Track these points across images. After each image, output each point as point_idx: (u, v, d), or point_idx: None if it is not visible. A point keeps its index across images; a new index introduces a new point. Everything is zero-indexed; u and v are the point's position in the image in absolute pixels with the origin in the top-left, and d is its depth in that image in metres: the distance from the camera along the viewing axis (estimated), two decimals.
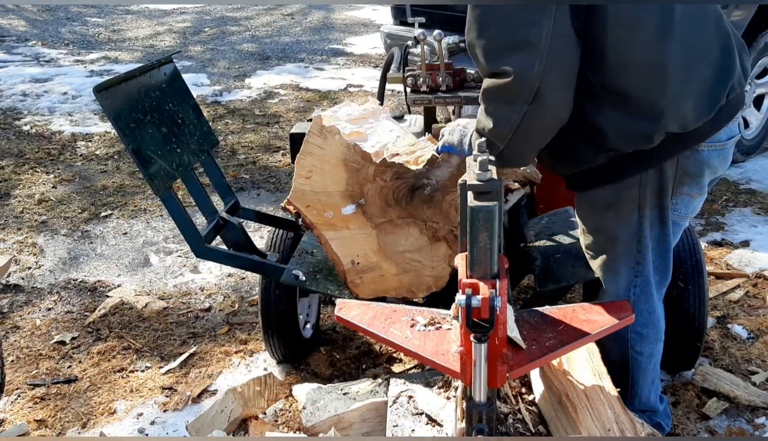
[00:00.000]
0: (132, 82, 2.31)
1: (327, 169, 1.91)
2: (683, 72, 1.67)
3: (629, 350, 2.00)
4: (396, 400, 1.95)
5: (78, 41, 9.63)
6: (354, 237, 1.96)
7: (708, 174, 1.85)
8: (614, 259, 1.92)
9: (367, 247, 1.97)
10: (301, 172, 1.91)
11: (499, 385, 1.48)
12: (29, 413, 2.55)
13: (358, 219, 1.95)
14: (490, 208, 1.36)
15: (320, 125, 1.90)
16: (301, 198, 1.93)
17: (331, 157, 1.90)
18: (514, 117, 1.65)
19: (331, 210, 1.92)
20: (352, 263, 1.98)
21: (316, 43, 9.55)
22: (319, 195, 1.92)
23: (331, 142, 1.89)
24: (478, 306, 1.31)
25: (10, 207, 4.38)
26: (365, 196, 1.94)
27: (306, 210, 1.93)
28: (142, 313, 3.19)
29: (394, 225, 1.96)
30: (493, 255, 1.38)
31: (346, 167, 1.91)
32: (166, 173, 2.29)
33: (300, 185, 1.92)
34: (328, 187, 1.92)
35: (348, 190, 1.93)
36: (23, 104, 6.54)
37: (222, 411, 2.32)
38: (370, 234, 1.96)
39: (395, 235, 1.98)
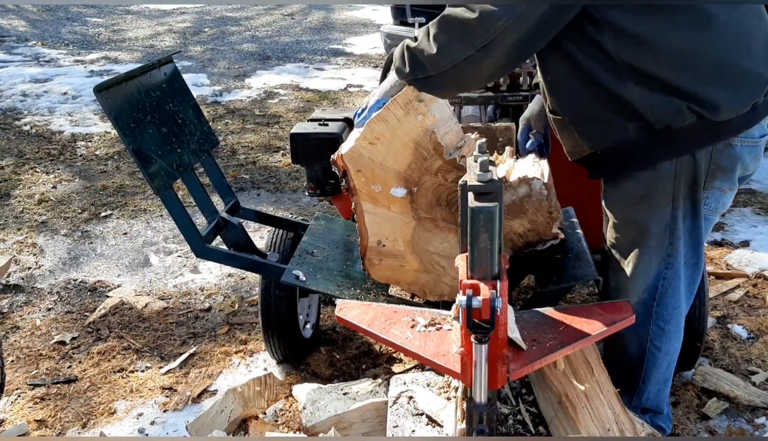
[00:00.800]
0: (132, 82, 2.31)
1: (395, 144, 1.82)
2: (718, 60, 1.67)
3: (648, 344, 1.99)
4: (396, 400, 1.95)
5: (78, 41, 9.63)
6: (391, 219, 1.90)
7: (740, 169, 1.84)
8: (646, 252, 1.90)
9: (399, 233, 1.92)
10: (367, 135, 1.81)
11: (500, 385, 1.48)
12: (29, 413, 2.55)
13: (402, 204, 1.89)
14: (491, 208, 1.36)
15: (409, 99, 1.80)
16: (356, 160, 1.83)
17: (405, 134, 1.82)
18: (459, 55, 1.69)
19: (380, 184, 1.85)
20: (377, 243, 1.93)
21: (316, 43, 9.55)
22: (375, 165, 1.83)
23: (412, 120, 1.81)
24: (478, 307, 1.31)
25: (10, 207, 4.38)
26: (420, 185, 1.87)
27: (355, 174, 1.84)
28: (142, 313, 3.19)
29: (435, 224, 1.91)
30: (494, 256, 1.38)
31: (415, 151, 1.84)
32: (166, 173, 2.29)
33: (361, 147, 1.81)
34: (388, 161, 1.84)
35: (406, 173, 1.86)
36: (23, 104, 6.54)
37: (222, 411, 2.32)
38: (408, 223, 1.91)
39: (432, 235, 1.92)
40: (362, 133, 1.81)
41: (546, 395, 1.79)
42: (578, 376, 1.78)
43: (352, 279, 2.27)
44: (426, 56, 1.74)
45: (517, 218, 1.89)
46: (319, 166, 2.77)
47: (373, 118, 1.80)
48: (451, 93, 1.91)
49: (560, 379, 1.75)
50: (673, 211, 1.84)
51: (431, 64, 1.74)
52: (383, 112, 1.80)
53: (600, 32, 1.67)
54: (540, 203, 1.85)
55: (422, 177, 1.86)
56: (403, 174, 1.85)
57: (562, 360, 1.78)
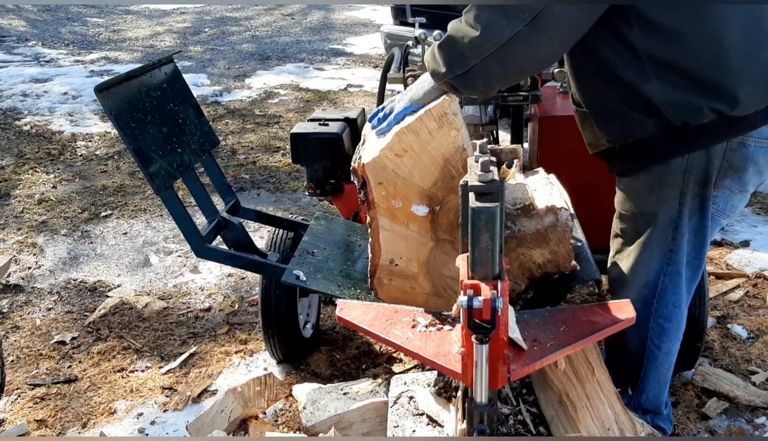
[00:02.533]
0: (133, 82, 2.31)
1: (423, 158, 1.69)
2: (744, 53, 1.66)
3: (648, 342, 1.98)
4: (396, 400, 1.95)
5: (78, 41, 9.63)
6: (408, 238, 1.77)
7: (751, 171, 1.82)
8: (648, 244, 1.89)
9: (415, 253, 1.80)
10: (395, 145, 1.66)
11: (501, 386, 1.48)
12: (29, 413, 2.55)
13: (422, 223, 1.76)
14: (492, 209, 1.36)
15: (444, 111, 1.67)
16: (378, 171, 1.68)
17: (435, 149, 1.69)
18: (506, 32, 1.58)
19: (402, 200, 1.72)
20: (390, 261, 1.80)
21: (316, 43, 9.55)
22: (398, 179, 1.70)
23: (445, 134, 1.68)
24: (479, 307, 1.31)
25: (10, 207, 4.38)
26: (443, 204, 1.74)
27: (376, 186, 1.70)
28: (142, 313, 3.19)
29: (454, 247, 1.78)
30: (495, 256, 1.38)
31: (444, 168, 1.70)
32: (166, 173, 2.29)
33: (386, 158, 1.67)
34: (414, 176, 1.71)
35: (431, 190, 1.73)
36: (23, 104, 6.54)
37: (222, 411, 2.32)
38: (426, 244, 1.78)
39: (450, 258, 1.79)
40: (389, 143, 1.67)
41: (547, 395, 1.80)
42: (579, 375, 1.78)
43: (352, 279, 2.27)
44: (467, 43, 1.62)
45: (539, 248, 1.81)
46: (319, 166, 2.77)
47: (403, 128, 1.66)
48: (494, 86, 1.75)
49: (561, 379, 1.76)
50: (680, 206, 1.83)
51: (473, 50, 1.62)
52: (415, 123, 1.67)
53: (629, 25, 1.65)
54: (564, 234, 1.78)
55: (447, 196, 1.73)
56: (428, 191, 1.73)
57: (563, 359, 1.78)
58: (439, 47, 1.70)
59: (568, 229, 1.77)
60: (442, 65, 1.68)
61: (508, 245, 1.72)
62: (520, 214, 1.77)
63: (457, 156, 1.70)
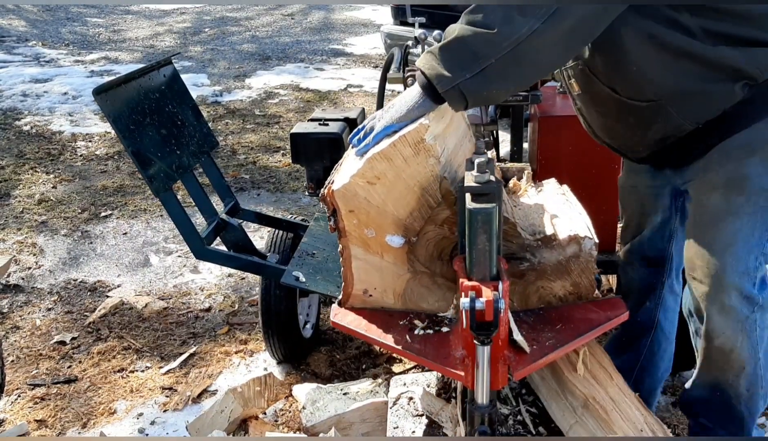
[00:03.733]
0: (131, 84, 2.31)
1: (398, 186, 1.57)
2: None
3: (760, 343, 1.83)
4: (396, 401, 1.95)
5: (78, 41, 9.63)
6: (383, 268, 1.66)
7: None
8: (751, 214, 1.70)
9: (390, 285, 1.68)
10: (366, 172, 1.55)
11: (501, 386, 1.48)
12: (29, 413, 2.55)
13: (398, 254, 1.64)
14: (489, 209, 1.36)
15: (420, 137, 1.53)
16: (349, 199, 1.57)
17: (411, 177, 1.56)
18: (524, 29, 1.49)
19: (375, 229, 1.61)
20: (363, 292, 1.69)
21: (316, 44, 9.55)
22: (371, 207, 1.58)
23: (422, 162, 1.55)
24: (482, 309, 1.31)
25: (10, 207, 4.38)
26: (421, 235, 1.63)
27: (347, 214, 1.59)
28: (142, 313, 3.20)
29: (433, 280, 1.68)
30: (492, 257, 1.38)
31: (421, 197, 1.59)
32: (165, 174, 2.29)
33: (356, 186, 1.55)
34: (387, 205, 1.59)
35: (407, 220, 1.61)
36: (23, 104, 6.54)
37: (222, 411, 2.32)
38: (402, 275, 1.67)
39: (428, 291, 1.68)
40: (360, 169, 1.55)
41: (564, 402, 1.75)
42: (599, 380, 1.75)
43: None
44: (480, 41, 1.52)
45: (560, 280, 1.68)
46: (319, 166, 2.77)
47: (375, 154, 1.54)
48: (509, 89, 1.64)
49: (583, 383, 1.73)
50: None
51: (489, 48, 1.52)
52: (389, 149, 1.53)
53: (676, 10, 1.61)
54: (587, 264, 1.66)
55: (425, 227, 1.63)
56: (404, 221, 1.61)
57: (582, 365, 1.75)
58: (442, 50, 1.57)
59: (592, 258, 1.65)
60: (447, 69, 1.55)
61: (527, 278, 1.63)
62: (540, 244, 1.65)
63: (435, 185, 1.57)
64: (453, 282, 1.63)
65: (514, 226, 1.60)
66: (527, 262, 1.63)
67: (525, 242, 1.60)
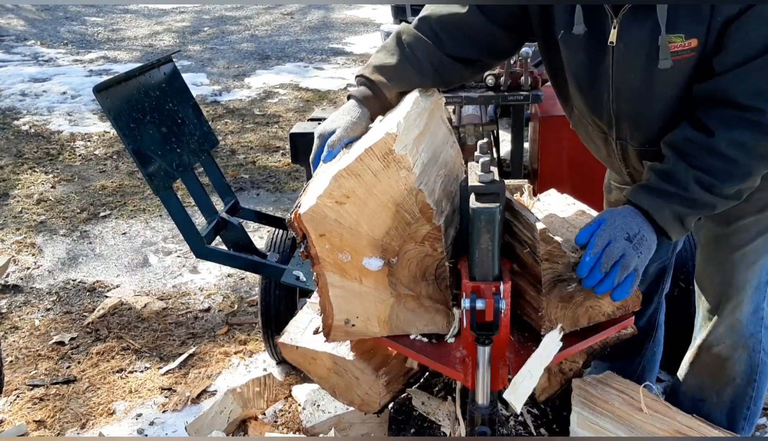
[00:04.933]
0: (132, 82, 2.30)
1: (370, 204, 1.43)
2: None
3: (759, 355, 1.84)
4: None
5: (77, 41, 9.62)
6: (363, 295, 1.53)
7: None
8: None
9: (373, 312, 1.55)
10: (334, 191, 1.41)
11: (501, 387, 1.47)
12: (28, 414, 2.54)
13: (378, 277, 1.51)
14: (492, 210, 1.36)
15: (388, 148, 1.39)
16: (319, 222, 1.44)
17: (383, 193, 1.42)
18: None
19: (349, 253, 1.48)
20: (345, 322, 1.55)
21: (315, 43, 9.54)
22: (343, 229, 1.45)
23: (393, 175, 1.41)
24: (482, 309, 1.31)
25: (9, 207, 4.37)
26: (401, 255, 1.49)
27: (318, 238, 1.46)
28: (141, 313, 3.19)
29: (419, 303, 1.55)
30: (495, 257, 1.38)
31: (396, 214, 1.44)
32: (165, 173, 2.28)
33: (325, 207, 1.42)
34: (361, 226, 1.45)
35: (384, 240, 1.47)
36: (22, 104, 6.53)
37: (221, 412, 2.31)
38: (385, 301, 1.54)
39: (415, 315, 1.56)
40: (327, 189, 1.42)
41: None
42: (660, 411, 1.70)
43: None
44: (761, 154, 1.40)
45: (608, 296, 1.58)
46: None
47: (341, 171, 1.40)
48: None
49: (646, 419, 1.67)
50: None
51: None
52: (355, 164, 1.40)
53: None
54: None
55: (404, 245, 1.48)
56: (380, 242, 1.47)
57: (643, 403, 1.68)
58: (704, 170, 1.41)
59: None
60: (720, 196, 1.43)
61: (575, 300, 1.51)
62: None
63: (411, 199, 1.42)
64: (441, 303, 1.53)
65: (559, 245, 1.44)
66: (574, 281, 1.48)
67: (572, 260, 1.46)
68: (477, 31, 1.64)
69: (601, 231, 1.40)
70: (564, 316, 1.52)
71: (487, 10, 1.62)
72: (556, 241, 1.44)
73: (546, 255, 1.43)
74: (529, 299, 1.53)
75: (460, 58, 1.68)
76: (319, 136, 1.65)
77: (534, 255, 1.44)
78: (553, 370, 1.69)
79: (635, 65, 1.49)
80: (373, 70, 1.69)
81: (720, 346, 1.81)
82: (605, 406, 1.66)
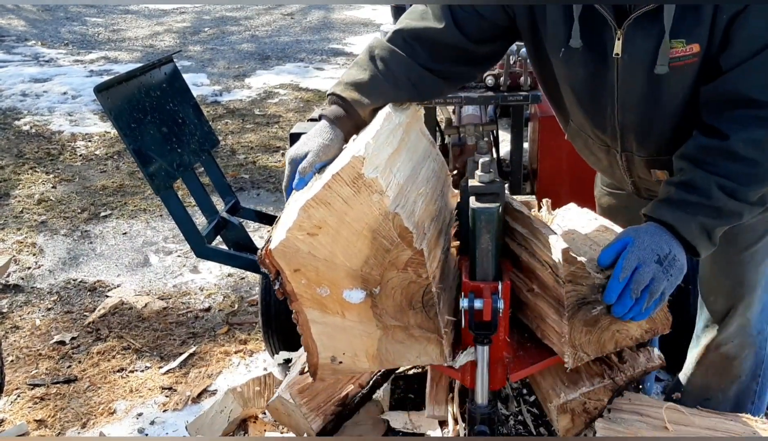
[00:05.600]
0: (132, 82, 2.31)
1: (344, 233, 1.33)
2: None
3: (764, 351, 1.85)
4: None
5: (77, 41, 9.62)
6: (347, 330, 1.44)
7: None
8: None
9: (361, 347, 1.46)
10: (304, 223, 1.32)
11: (499, 386, 1.48)
12: (29, 413, 2.54)
13: (362, 310, 1.42)
14: (492, 209, 1.36)
15: (357, 172, 1.29)
16: (291, 256, 1.35)
17: (357, 220, 1.33)
18: None
19: (328, 286, 1.38)
20: (331, 360, 1.46)
21: (315, 43, 9.54)
22: (318, 261, 1.36)
23: (365, 201, 1.31)
24: (480, 308, 1.31)
25: (10, 207, 4.38)
26: (383, 284, 1.39)
27: (292, 274, 1.37)
28: (142, 313, 3.19)
29: (408, 334, 1.44)
30: (495, 257, 1.38)
31: (373, 242, 1.34)
32: (166, 173, 2.29)
33: (296, 240, 1.33)
34: (337, 257, 1.36)
35: (363, 270, 1.37)
36: (23, 104, 6.53)
37: (222, 411, 2.32)
38: (372, 334, 1.44)
39: (405, 347, 1.46)
40: (296, 221, 1.32)
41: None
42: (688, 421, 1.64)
43: None
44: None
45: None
46: None
47: (309, 201, 1.31)
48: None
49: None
50: None
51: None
52: (323, 192, 1.31)
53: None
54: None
55: (386, 274, 1.38)
56: (359, 272, 1.37)
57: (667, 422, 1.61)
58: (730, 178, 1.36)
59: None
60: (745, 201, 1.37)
61: (600, 325, 1.43)
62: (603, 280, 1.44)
63: (387, 224, 1.33)
64: (432, 332, 1.43)
65: (583, 265, 1.36)
66: (600, 304, 1.40)
67: (596, 282, 1.38)
68: (454, 47, 1.58)
69: (628, 253, 1.32)
70: (589, 341, 1.44)
71: (467, 29, 1.56)
72: (579, 262, 1.35)
73: (569, 276, 1.35)
74: (551, 323, 1.45)
75: (437, 71, 1.60)
76: (290, 162, 1.53)
77: (556, 276, 1.37)
78: (577, 410, 1.61)
79: (640, 75, 1.45)
80: (345, 87, 1.59)
81: (728, 345, 1.81)
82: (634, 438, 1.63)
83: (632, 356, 1.64)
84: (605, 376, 1.59)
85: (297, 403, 1.81)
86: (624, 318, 1.35)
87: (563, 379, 1.60)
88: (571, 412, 1.61)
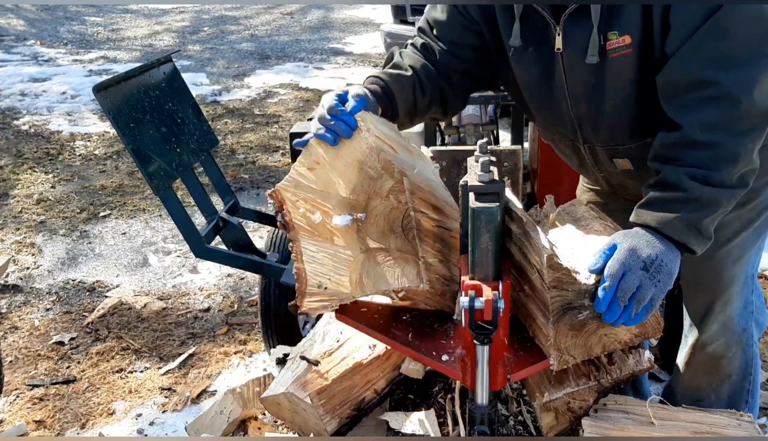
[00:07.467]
0: (131, 82, 2.30)
1: (337, 165, 1.58)
2: None
3: (752, 348, 1.86)
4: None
5: (76, 40, 9.61)
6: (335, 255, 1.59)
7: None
8: (758, 227, 1.72)
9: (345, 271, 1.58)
10: (305, 160, 1.57)
11: (500, 387, 1.47)
12: (28, 414, 2.54)
13: (348, 235, 1.59)
14: (492, 209, 1.36)
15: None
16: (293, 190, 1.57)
17: (348, 154, 1.58)
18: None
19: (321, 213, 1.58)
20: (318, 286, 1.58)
21: (315, 43, 9.54)
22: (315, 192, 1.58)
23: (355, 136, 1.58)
24: (481, 308, 1.31)
25: (9, 207, 4.37)
26: (369, 211, 1.59)
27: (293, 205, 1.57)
28: (141, 313, 3.19)
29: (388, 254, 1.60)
30: (495, 256, 1.38)
31: (360, 171, 1.58)
32: (165, 173, 2.28)
33: (298, 174, 1.57)
34: (330, 187, 1.59)
35: (351, 197, 1.59)
36: (22, 104, 6.53)
37: (221, 412, 2.31)
38: (356, 258, 1.59)
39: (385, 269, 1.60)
40: (299, 159, 1.58)
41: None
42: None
43: None
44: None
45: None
46: None
47: (311, 141, 1.57)
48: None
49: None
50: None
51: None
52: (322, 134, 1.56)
53: None
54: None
55: (371, 201, 1.59)
56: (348, 199, 1.58)
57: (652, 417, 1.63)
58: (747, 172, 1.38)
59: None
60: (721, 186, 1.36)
61: (587, 329, 1.44)
62: (597, 285, 1.45)
63: (373, 156, 1.57)
64: (411, 253, 1.59)
65: (568, 272, 1.38)
66: (586, 309, 1.42)
67: (582, 288, 1.40)
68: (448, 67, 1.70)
69: (613, 260, 1.33)
70: (575, 345, 1.45)
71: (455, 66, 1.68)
72: (565, 268, 1.37)
73: (554, 282, 1.37)
74: (540, 324, 1.48)
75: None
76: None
77: (542, 281, 1.40)
78: (561, 409, 1.64)
79: (581, 67, 1.50)
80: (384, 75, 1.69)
81: (714, 344, 1.81)
82: (620, 434, 1.64)
83: (621, 358, 1.65)
84: (591, 378, 1.62)
85: (315, 403, 1.81)
86: (615, 324, 1.36)
87: (550, 378, 1.63)
88: (555, 411, 1.66)
